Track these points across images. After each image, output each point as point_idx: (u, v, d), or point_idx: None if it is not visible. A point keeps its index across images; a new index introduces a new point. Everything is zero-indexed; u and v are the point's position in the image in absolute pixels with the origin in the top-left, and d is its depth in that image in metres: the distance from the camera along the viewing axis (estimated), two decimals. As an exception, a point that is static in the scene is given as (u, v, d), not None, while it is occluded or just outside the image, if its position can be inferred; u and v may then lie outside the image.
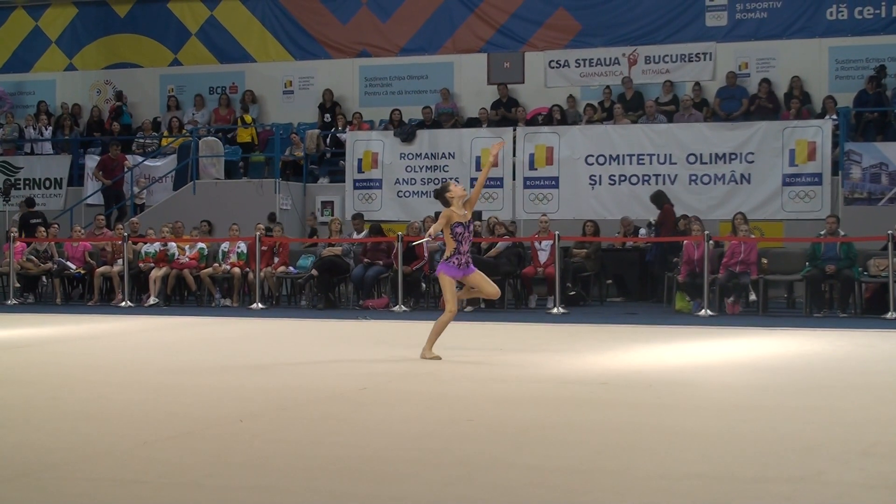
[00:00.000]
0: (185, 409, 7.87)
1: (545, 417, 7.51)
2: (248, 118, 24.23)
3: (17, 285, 19.84)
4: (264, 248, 18.91)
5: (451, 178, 12.35)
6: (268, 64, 25.61)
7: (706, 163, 20.54)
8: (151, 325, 15.58)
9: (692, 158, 20.62)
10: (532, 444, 6.67)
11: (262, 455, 6.30)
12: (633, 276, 19.79)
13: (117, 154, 23.29)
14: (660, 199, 19.71)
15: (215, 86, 25.93)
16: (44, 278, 20.63)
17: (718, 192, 20.37)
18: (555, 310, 17.07)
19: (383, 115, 23.79)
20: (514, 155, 21.39)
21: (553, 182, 21.26)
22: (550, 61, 23.70)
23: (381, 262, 18.54)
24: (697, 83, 22.45)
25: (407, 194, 22.04)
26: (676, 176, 20.62)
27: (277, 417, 7.65)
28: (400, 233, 18.15)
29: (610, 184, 21.03)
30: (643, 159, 20.87)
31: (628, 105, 22.26)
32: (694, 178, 20.56)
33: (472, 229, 11.04)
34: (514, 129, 21.76)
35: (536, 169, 21.38)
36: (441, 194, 10.97)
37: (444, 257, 10.93)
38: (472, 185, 16.42)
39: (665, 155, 20.75)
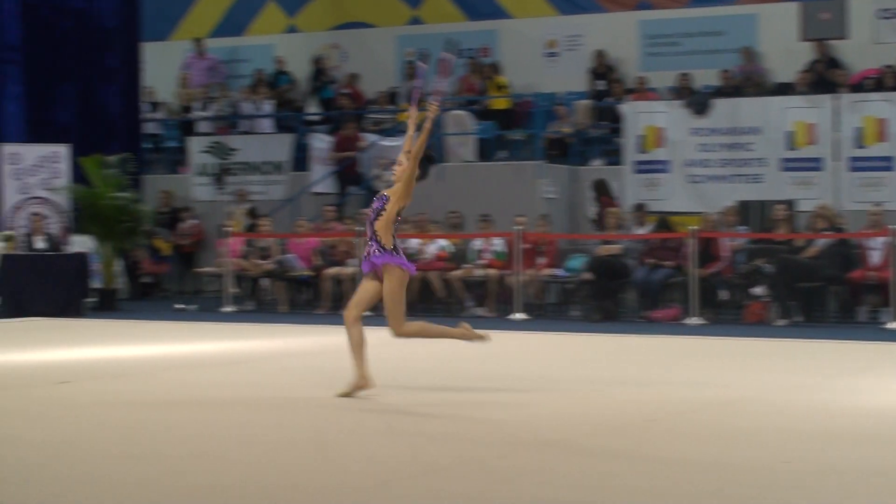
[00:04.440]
0: (422, 442, 8.01)
1: (890, 461, 7.32)
2: (500, 80, 24.42)
3: (235, 290, 20.60)
4: (526, 245, 19.03)
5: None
6: (527, 20, 25.79)
7: None
8: (388, 338, 15.88)
9: None
10: (881, 493, 6.50)
11: (528, 496, 6.36)
12: None
13: (355, 132, 23.90)
14: None
15: (463, 48, 26.27)
16: (263, 281, 21.34)
17: None
18: (892, 324, 16.59)
19: (669, 80, 23.60)
20: (835, 129, 20.86)
21: (887, 163, 20.64)
22: (881, 10, 23.02)
23: (669, 264, 18.41)
24: None
25: (700, 179, 21.80)
26: None
27: (544, 453, 7.70)
28: (692, 227, 17.98)
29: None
30: None
31: None
32: None
33: (378, 207, 10.05)
34: (836, 97, 21.22)
35: (865, 147, 20.79)
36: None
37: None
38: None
39: None
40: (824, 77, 22.36)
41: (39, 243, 20.36)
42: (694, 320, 17.49)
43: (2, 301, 19.63)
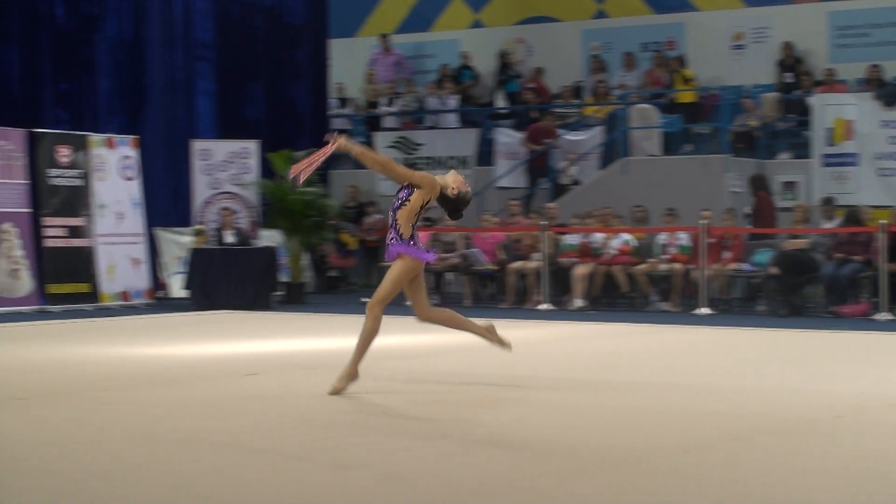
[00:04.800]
0: (616, 437, 8.00)
1: None
2: (687, 73, 24.22)
3: (419, 284, 20.78)
4: (711, 240, 18.85)
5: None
6: (713, 13, 25.52)
7: None
8: (574, 333, 15.92)
9: None
10: None
11: (713, 494, 6.32)
12: None
13: (551, 125, 23.94)
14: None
15: (648, 41, 26.13)
16: (448, 275, 21.52)
17: None
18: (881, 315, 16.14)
19: (859, 72, 23.13)
20: None
21: None
22: None
23: (858, 258, 18.06)
24: None
25: (891, 172, 21.33)
26: None
27: (729, 450, 7.63)
28: (882, 221, 17.62)
29: None
30: None
31: None
32: None
33: (403, 197, 10.02)
34: None
35: None
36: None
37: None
38: None
39: None
40: None
41: (229, 237, 20.81)
42: (883, 316, 17.14)
43: (192, 294, 20.11)
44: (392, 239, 9.93)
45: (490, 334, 10.54)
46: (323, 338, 15.14)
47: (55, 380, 11.05)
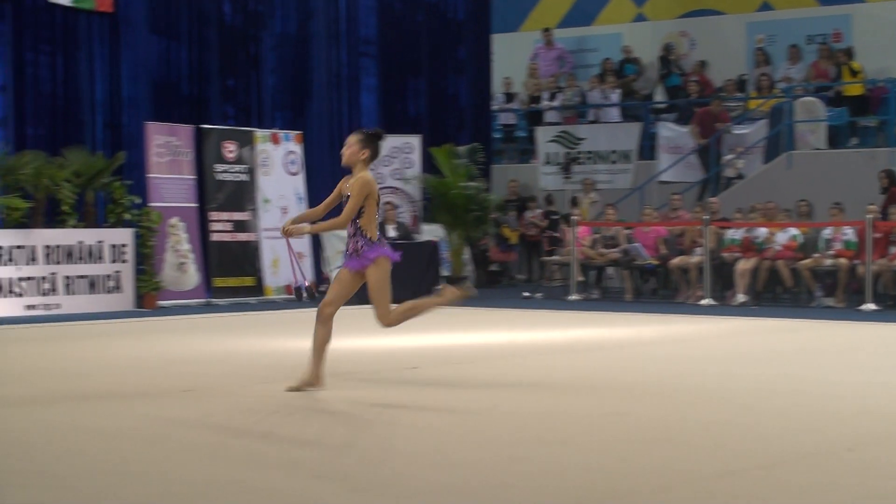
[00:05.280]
0: (774, 433, 7.91)
1: None
2: (854, 65, 23.77)
3: (581, 278, 20.77)
4: (877, 234, 18.49)
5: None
6: (882, 4, 25.02)
7: None
8: (736, 328, 15.76)
9: None
10: None
11: (877, 490, 6.24)
12: None
13: (720, 109, 23.73)
14: None
15: (814, 34, 25.71)
16: (609, 269, 21.46)
17: None
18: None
19: None
20: None
21: None
22: None
23: None
24: None
25: None
26: None
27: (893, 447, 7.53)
28: None
29: None
30: None
31: None
32: None
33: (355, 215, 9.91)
34: None
35: None
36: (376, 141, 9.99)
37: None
38: None
39: None
40: None
41: (391, 232, 20.97)
42: None
43: (355, 287, 20.29)
44: (362, 246, 9.83)
45: (449, 294, 10.46)
46: (483, 332, 15.21)
47: (220, 373, 11.27)
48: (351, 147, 9.87)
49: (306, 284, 9.92)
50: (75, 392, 9.82)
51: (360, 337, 14.14)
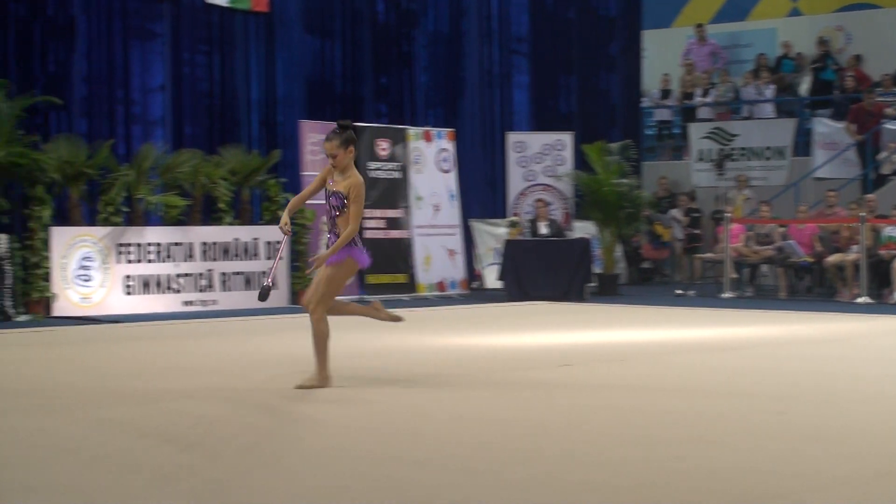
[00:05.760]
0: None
1: None
2: None
3: (735, 276, 20.55)
4: None
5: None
6: None
7: None
8: (894, 328, 15.46)
9: None
10: None
11: None
12: None
13: (873, 103, 23.32)
14: None
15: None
16: (763, 267, 21.20)
17: None
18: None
19: None
20: None
21: None
22: None
23: None
24: None
25: None
26: None
27: None
28: None
29: None
30: None
31: None
32: None
33: (338, 205, 9.65)
34: None
35: None
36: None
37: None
38: None
39: None
40: None
41: (543, 229, 20.95)
42: None
43: (506, 285, 20.33)
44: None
45: (381, 313, 10.29)
46: (636, 329, 15.13)
47: (375, 367, 11.36)
48: (337, 153, 9.57)
49: (269, 283, 9.71)
50: (228, 386, 9.98)
51: (515, 334, 14.19)
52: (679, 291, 21.07)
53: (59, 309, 16.62)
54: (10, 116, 16.44)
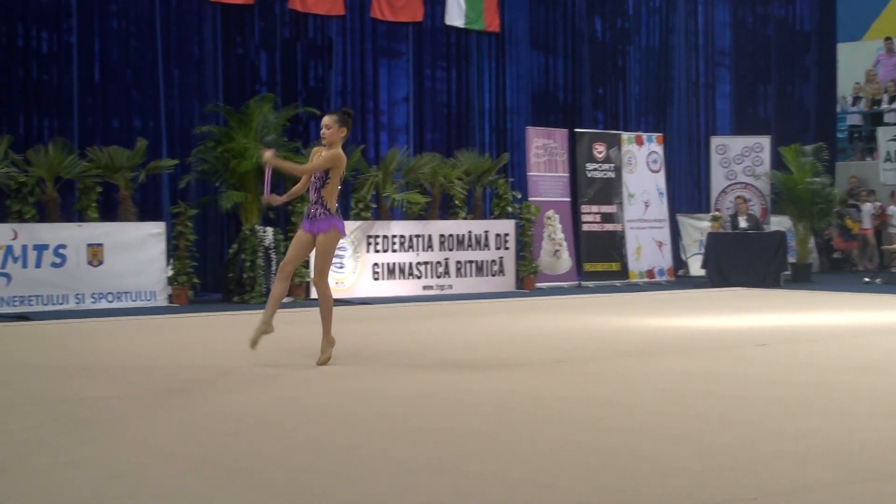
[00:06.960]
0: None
1: None
2: None
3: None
4: None
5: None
6: None
7: None
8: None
9: None
10: None
11: None
12: None
13: None
14: None
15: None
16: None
17: None
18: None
19: None
20: None
21: None
22: None
23: None
24: None
25: None
26: None
27: None
28: None
29: None
30: None
31: None
32: None
33: (322, 176, 9.46)
34: None
35: None
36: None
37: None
38: None
39: None
40: None
41: (742, 223, 20.59)
42: None
43: (708, 273, 20.04)
44: (320, 214, 9.46)
45: (327, 351, 9.65)
46: (827, 313, 14.74)
47: (588, 347, 11.33)
48: (331, 128, 9.47)
49: (266, 196, 9.58)
50: (465, 361, 10.06)
51: (716, 316, 14.01)
52: (867, 279, 20.46)
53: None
54: (276, 125, 16.82)
